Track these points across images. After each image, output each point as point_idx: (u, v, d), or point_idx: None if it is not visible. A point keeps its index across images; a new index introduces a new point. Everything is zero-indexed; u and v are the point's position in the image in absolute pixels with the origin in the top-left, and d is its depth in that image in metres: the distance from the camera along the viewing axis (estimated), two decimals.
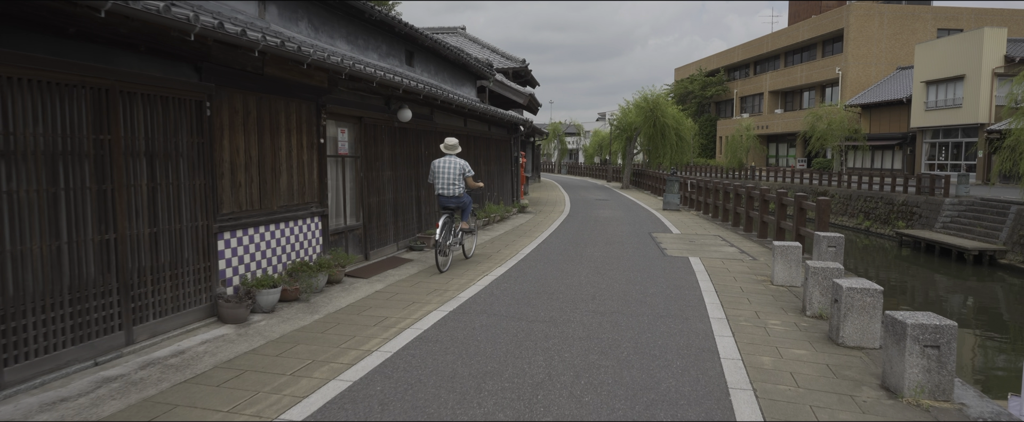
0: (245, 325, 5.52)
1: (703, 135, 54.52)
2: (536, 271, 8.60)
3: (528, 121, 16.83)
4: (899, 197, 24.82)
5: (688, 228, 14.52)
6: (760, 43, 51.93)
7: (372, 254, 8.99)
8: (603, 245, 11.31)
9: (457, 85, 15.26)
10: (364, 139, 8.75)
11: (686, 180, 21.00)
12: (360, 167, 8.71)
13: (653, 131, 30.18)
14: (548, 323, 5.88)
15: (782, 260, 8.02)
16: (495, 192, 16.35)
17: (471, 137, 14.18)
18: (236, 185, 6.04)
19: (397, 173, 9.86)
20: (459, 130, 13.16)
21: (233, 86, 5.95)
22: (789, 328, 5.91)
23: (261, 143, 6.42)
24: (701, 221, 16.37)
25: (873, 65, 41.95)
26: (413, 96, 9.30)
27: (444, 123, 12.17)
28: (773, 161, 50.62)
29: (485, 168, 15.35)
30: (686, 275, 8.45)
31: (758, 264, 9.52)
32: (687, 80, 59.41)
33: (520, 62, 27.41)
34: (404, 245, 10.13)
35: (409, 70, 11.94)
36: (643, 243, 11.67)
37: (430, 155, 11.39)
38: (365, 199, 8.77)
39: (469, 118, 13.71)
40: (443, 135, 12.05)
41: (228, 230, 5.90)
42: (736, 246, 11.48)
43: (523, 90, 18.13)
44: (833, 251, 8.82)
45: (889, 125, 37.45)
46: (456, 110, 11.95)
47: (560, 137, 68.18)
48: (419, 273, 8.32)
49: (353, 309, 6.33)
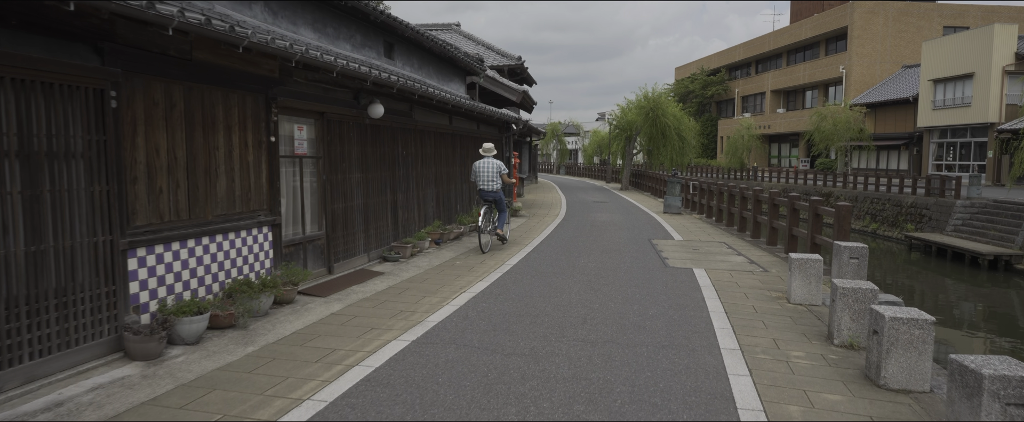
0: (157, 363, 4.54)
1: (704, 135, 53.51)
2: (522, 287, 7.61)
3: (520, 119, 15.84)
4: (907, 199, 23.88)
5: (691, 234, 13.54)
6: (762, 41, 50.94)
7: (337, 267, 8.00)
8: (599, 254, 10.32)
9: (444, 81, 14.28)
10: (328, 137, 7.76)
11: (688, 182, 20.00)
12: (323, 169, 7.72)
13: (653, 131, 29.13)
14: (528, 357, 4.90)
15: (800, 275, 7.04)
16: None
17: (458, 136, 13.20)
18: (155, 191, 5.05)
19: (368, 175, 8.87)
20: (443, 128, 12.18)
21: (151, 73, 4.97)
22: (816, 362, 4.93)
23: (191, 141, 5.44)
24: (704, 226, 15.39)
25: (877, 63, 40.98)
26: (384, 89, 8.32)
27: (426, 121, 11.19)
28: (775, 161, 49.63)
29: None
30: (691, 291, 7.47)
31: (770, 277, 8.54)
32: (688, 79, 58.42)
33: (516, 59, 26.51)
34: (377, 256, 9.13)
35: (388, 63, 10.96)
36: (643, 252, 10.68)
37: (409, 156, 10.41)
38: (329, 205, 7.78)
39: (454, 115, 12.73)
40: (424, 134, 11.08)
41: (144, 246, 4.92)
42: (744, 255, 10.50)
43: (516, 87, 17.14)
44: (855, 263, 7.85)
45: (895, 125, 36.48)
46: (438, 106, 10.96)
47: (559, 137, 67.06)
48: (387, 290, 7.33)
49: (297, 338, 5.34)
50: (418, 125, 10.69)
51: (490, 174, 10.28)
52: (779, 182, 35.15)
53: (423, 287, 7.52)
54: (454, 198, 13.09)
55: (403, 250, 9.21)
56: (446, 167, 12.41)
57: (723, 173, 43.00)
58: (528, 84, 35.03)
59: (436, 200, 11.84)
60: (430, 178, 11.46)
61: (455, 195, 13.15)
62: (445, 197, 12.41)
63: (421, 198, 11.00)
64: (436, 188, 11.80)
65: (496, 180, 10.29)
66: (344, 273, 7.94)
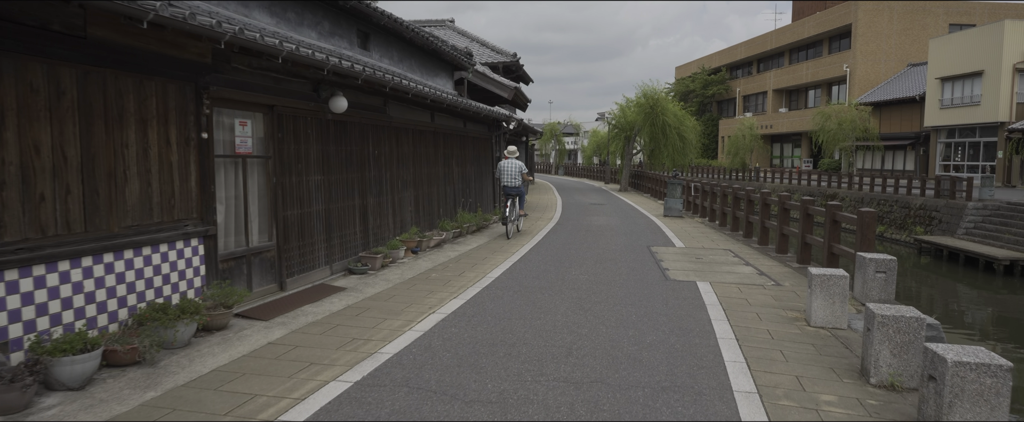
0: (21, 416, 3.56)
1: (705, 135, 52.51)
2: (501, 305, 6.64)
3: (512, 117, 14.87)
4: (916, 200, 22.96)
5: (693, 239, 12.56)
6: (764, 40, 49.97)
7: (292, 282, 7.03)
8: (592, 264, 9.35)
9: (428, 75, 13.31)
10: (279, 134, 6.79)
11: (689, 183, 19.00)
12: (274, 170, 6.74)
13: (654, 130, 28.07)
14: (494, 406, 3.93)
15: (822, 294, 6.07)
16: (471, 198, 14.37)
17: (441, 134, 12.22)
18: (33, 199, 4.08)
19: (331, 177, 7.89)
20: (424, 126, 11.20)
21: (24, 52, 4.00)
22: (853, 410, 3.96)
23: (89, 138, 4.47)
24: (707, 230, 14.41)
25: (882, 62, 40.02)
26: (347, 80, 7.34)
27: (404, 117, 10.22)
28: (777, 162, 48.65)
29: (459, 170, 13.38)
30: (695, 311, 6.49)
31: (785, 293, 7.56)
32: (688, 78, 57.43)
33: (511, 56, 25.57)
34: (342, 268, 8.15)
35: (363, 55, 9.99)
36: (641, 261, 9.71)
37: (383, 155, 9.45)
38: (280, 212, 6.80)
39: (437, 112, 11.75)
40: (401, 131, 10.12)
41: (15, 267, 3.95)
42: (753, 265, 9.52)
43: (508, 83, 16.16)
44: (882, 279, 6.88)
45: (900, 124, 35.51)
46: (416, 101, 9.99)
47: (557, 137, 65.99)
48: (343, 311, 6.35)
49: (214, 378, 4.35)
50: (394, 122, 9.71)
51: (513, 173, 12.14)
52: (782, 183, 34.19)
53: (387, 306, 6.54)
54: (437, 201, 12.11)
55: (372, 261, 8.24)
56: (428, 168, 11.44)
57: (724, 174, 42.00)
58: (524, 82, 34.03)
59: (415, 204, 10.86)
60: (408, 180, 10.48)
61: (438, 198, 12.17)
62: (426, 201, 11.42)
63: (397, 202, 10.03)
64: (415, 191, 10.81)
65: (517, 178, 12.15)
66: (298, 290, 6.97)
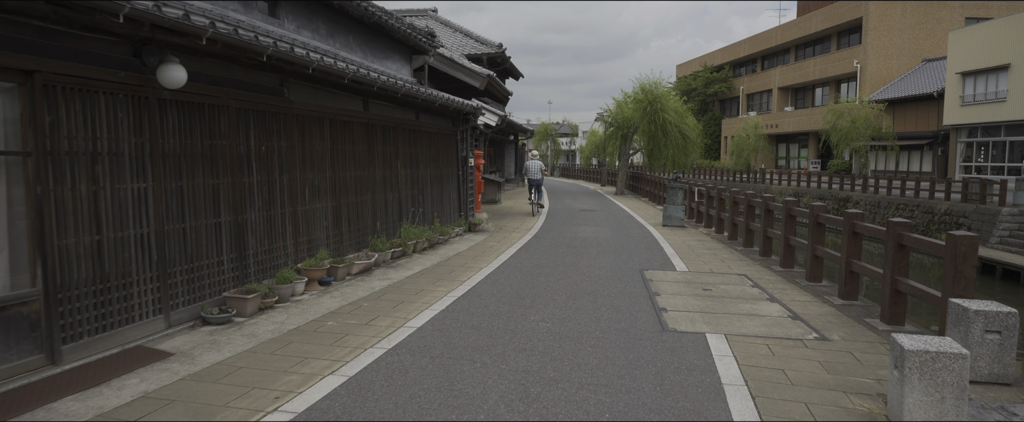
0: None
1: (707, 135, 50.04)
2: (400, 391, 4.17)
3: (478, 109, 12.38)
4: (940, 205, 20.59)
5: (698, 259, 10.09)
6: (768, 36, 47.52)
7: (80, 348, 4.53)
8: (563, 301, 6.88)
9: (375, 57, 10.85)
10: (49, 118, 4.33)
11: (692, 187, 16.50)
12: (34, 174, 4.28)
13: (652, 128, 25.45)
14: None
15: (924, 382, 3.61)
16: (426, 207, 11.76)
17: (379, 127, 9.66)
18: None
19: (170, 185, 5.39)
20: (352, 116, 8.71)
21: None
22: None
23: None
24: (714, 245, 11.93)
25: (895, 57, 37.57)
26: (182, 36, 4.86)
27: (315, 103, 7.74)
28: (783, 162, 46.18)
29: (408, 173, 10.82)
30: (707, 397, 4.03)
31: (837, 354, 5.10)
32: (690, 77, 54.93)
33: (496, 47, 23.34)
34: (191, 316, 5.63)
35: (268, 23, 7.52)
36: (630, 295, 7.25)
37: (274, 152, 6.96)
38: (51, 240, 4.32)
39: (372, 99, 9.26)
40: (308, 121, 7.63)
41: None
42: (780, 301, 7.06)
43: (479, 70, 13.65)
44: (996, 341, 4.44)
45: (916, 123, 33.05)
46: (328, 80, 7.51)
47: (553, 137, 63.33)
48: (135, 403, 3.88)
49: None
50: (295, 108, 7.22)
51: (535, 170, 16.94)
52: (789, 185, 31.74)
53: (216, 392, 4.07)
54: (371, 213, 9.54)
55: (242, 304, 5.75)
56: (357, 170, 8.93)
57: (728, 175, 39.50)
58: (514, 77, 31.58)
59: (333, 218, 8.33)
60: (321, 187, 7.94)
61: (374, 209, 9.61)
62: (352, 213, 8.86)
63: (301, 216, 7.51)
64: (334, 201, 8.28)
65: (538, 173, 16.96)
66: (86, 361, 4.48)
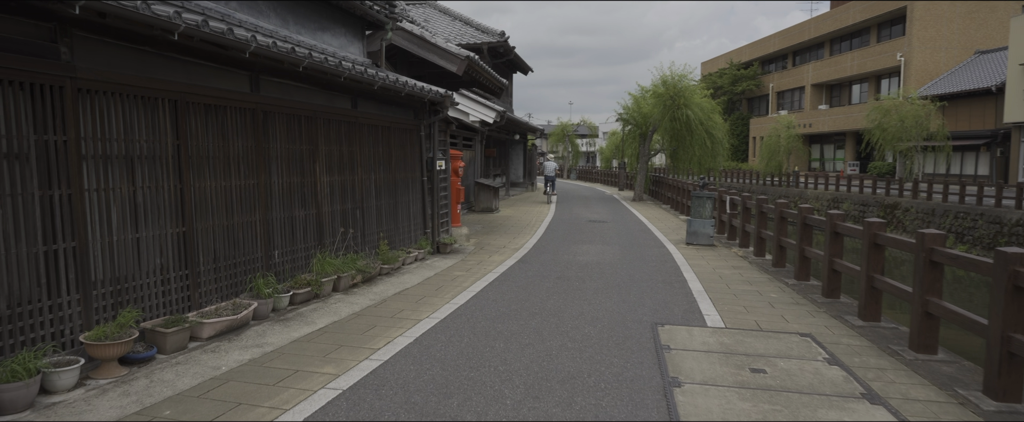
0: None
1: (734, 135, 46.82)
2: None
3: (443, 98, 9.72)
4: (1010, 214, 17.53)
5: (737, 301, 7.35)
6: (800, 29, 44.27)
7: None
8: (515, 404, 4.24)
9: (308, 29, 8.29)
10: None
11: (724, 195, 13.62)
12: None
13: (675, 126, 22.45)
14: None
15: None
16: (371, 226, 8.95)
17: (285, 115, 7.00)
18: None
19: None
20: (235, 98, 6.09)
21: None
22: None
23: None
24: (755, 274, 9.15)
25: (943, 50, 34.23)
26: None
27: (143, 74, 5.18)
28: (817, 165, 42.92)
29: (334, 178, 8.05)
30: None
31: None
32: (716, 74, 51.74)
33: (498, 35, 20.84)
34: None
35: None
36: (632, 386, 4.56)
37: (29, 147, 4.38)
38: None
39: (266, 76, 6.64)
40: (105, 98, 5.01)
41: None
42: (884, 400, 4.32)
43: (456, 51, 10.97)
44: None
45: (970, 121, 29.77)
46: (151, 34, 4.93)
47: (570, 138, 60.40)
48: None
49: None
50: (82, 78, 4.63)
51: (551, 170, 24.53)
52: (826, 190, 28.64)
53: None
54: (266, 239, 6.86)
55: None
56: (235, 178, 6.28)
57: (758, 179, 36.39)
58: (522, 71, 28.91)
59: (182, 250, 5.56)
60: (160, 204, 5.28)
61: (275, 232, 6.94)
62: (228, 241, 6.15)
63: (103, 252, 4.85)
64: (184, 225, 5.53)
65: (553, 172, 24.46)
66: None
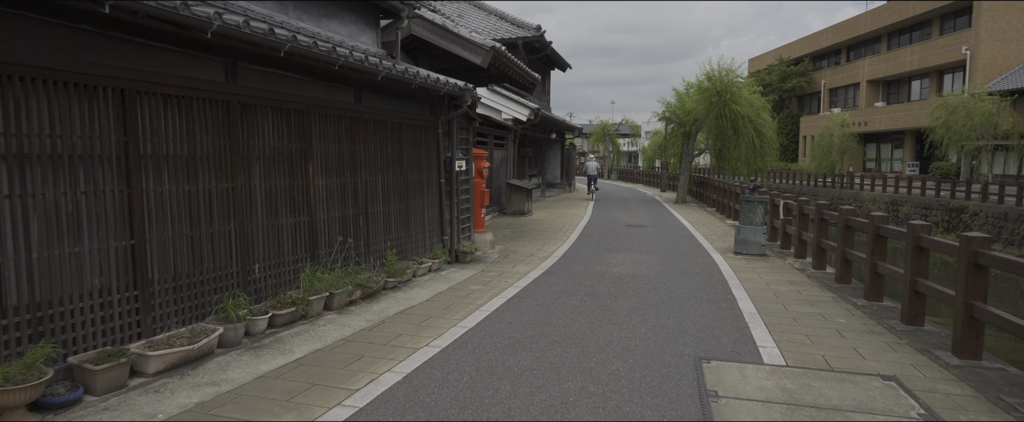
0: None
1: (783, 134, 44.80)
2: None
3: (464, 92, 8.83)
4: None
5: (797, 328, 6.27)
6: (855, 23, 42.07)
7: None
8: None
9: (313, 16, 7.51)
10: None
11: (778, 198, 12.37)
12: None
13: (721, 124, 21.15)
14: None
15: None
16: (378, 234, 8.08)
17: (271, 109, 6.18)
18: None
19: None
20: (206, 89, 5.31)
21: None
22: None
23: None
24: (816, 292, 8.01)
25: (1014, 42, 31.85)
26: None
27: (87, 60, 4.43)
28: (872, 165, 40.68)
29: (331, 181, 7.23)
30: None
31: None
32: (764, 71, 49.74)
33: (534, 29, 19.97)
34: None
35: None
36: None
37: None
38: None
39: (246, 63, 5.83)
40: (40, 86, 4.24)
41: None
42: None
43: (481, 43, 10.08)
44: None
45: None
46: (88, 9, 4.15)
47: (611, 137, 58.93)
48: None
49: None
50: (6, 62, 3.90)
51: (593, 169, 28.79)
52: (884, 192, 26.84)
53: None
54: (243, 251, 6.03)
55: None
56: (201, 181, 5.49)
57: (809, 180, 34.57)
58: (560, 68, 27.92)
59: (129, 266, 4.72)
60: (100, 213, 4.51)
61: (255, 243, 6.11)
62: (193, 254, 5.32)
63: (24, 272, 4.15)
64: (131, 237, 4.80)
65: (594, 171, 28.72)
66: None
